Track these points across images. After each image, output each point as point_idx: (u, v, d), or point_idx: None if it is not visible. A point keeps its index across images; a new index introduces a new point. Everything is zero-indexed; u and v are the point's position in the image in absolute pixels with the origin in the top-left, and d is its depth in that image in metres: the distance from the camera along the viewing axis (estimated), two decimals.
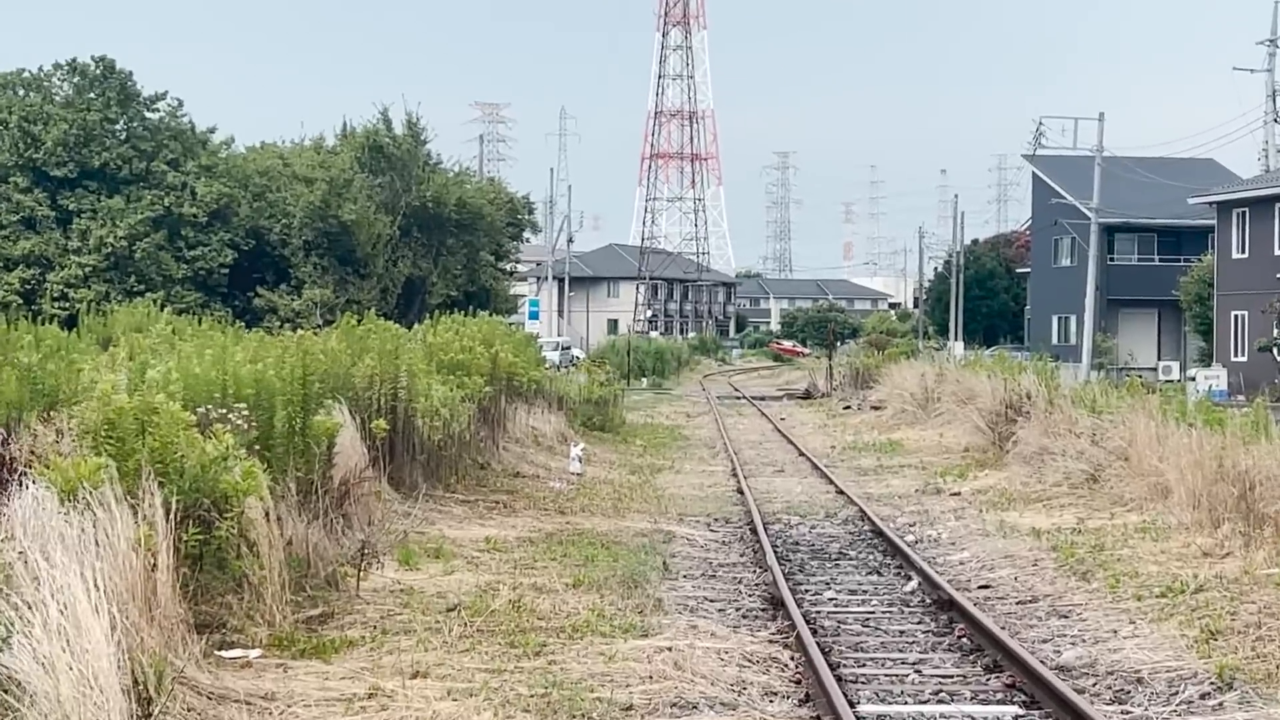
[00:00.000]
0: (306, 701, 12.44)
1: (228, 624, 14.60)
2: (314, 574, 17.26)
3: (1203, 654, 14.39)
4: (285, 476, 18.64)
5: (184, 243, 60.87)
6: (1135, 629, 15.80)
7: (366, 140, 63.74)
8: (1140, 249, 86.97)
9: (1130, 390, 29.84)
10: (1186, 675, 13.79)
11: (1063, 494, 26.27)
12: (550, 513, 25.26)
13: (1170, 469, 22.36)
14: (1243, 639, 14.89)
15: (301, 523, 17.89)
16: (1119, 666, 14.32)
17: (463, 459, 27.52)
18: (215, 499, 14.86)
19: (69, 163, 60.56)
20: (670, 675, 13.75)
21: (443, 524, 23.09)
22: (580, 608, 16.83)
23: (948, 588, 18.00)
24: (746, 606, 17.75)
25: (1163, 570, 18.68)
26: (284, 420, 19.11)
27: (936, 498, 28.46)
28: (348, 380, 23.91)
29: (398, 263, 63.19)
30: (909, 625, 16.89)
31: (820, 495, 29.86)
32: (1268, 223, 63.96)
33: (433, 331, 34.84)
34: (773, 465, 36.89)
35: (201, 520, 14.72)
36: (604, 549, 21.25)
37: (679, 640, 15.25)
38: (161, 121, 63.05)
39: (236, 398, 18.66)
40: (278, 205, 62.29)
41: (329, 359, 23.95)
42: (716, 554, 22.01)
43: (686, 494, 29.80)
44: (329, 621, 15.75)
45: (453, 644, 14.91)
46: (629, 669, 13.95)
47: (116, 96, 62.09)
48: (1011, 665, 14.29)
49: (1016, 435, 31.20)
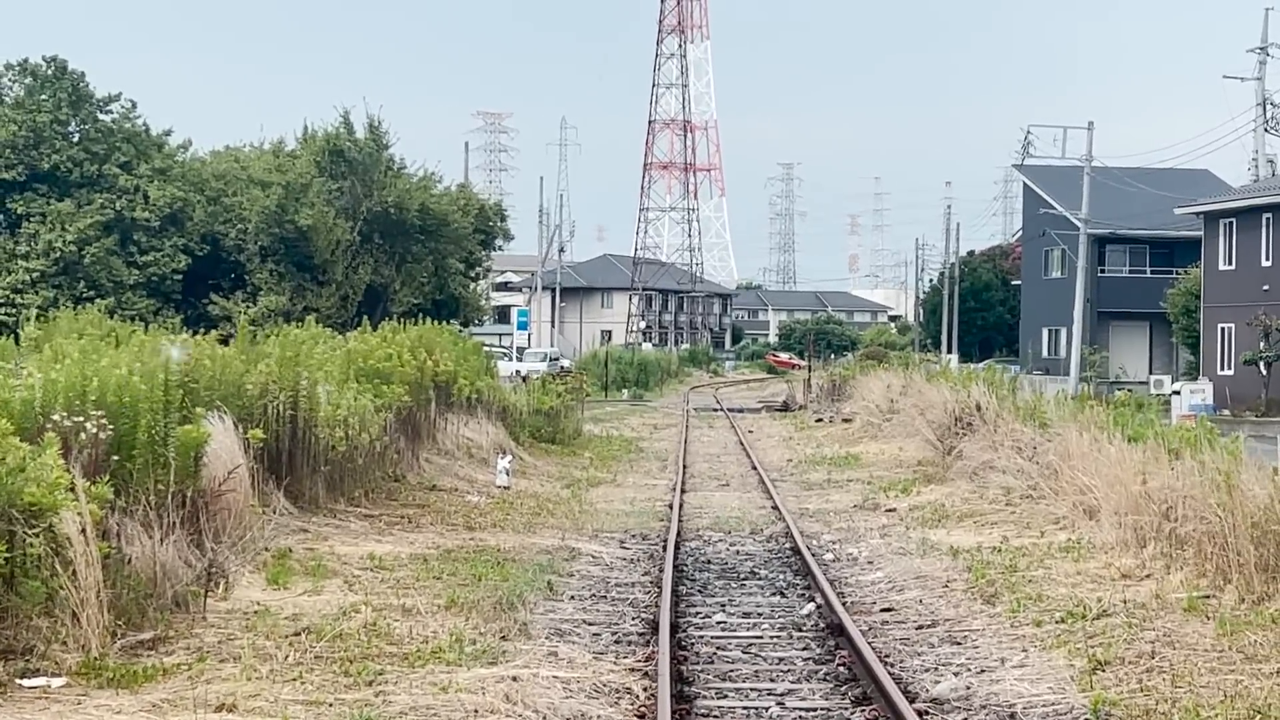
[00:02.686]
0: None
1: (33, 649, 13.72)
2: (160, 594, 16.38)
3: (1084, 687, 13.52)
4: (144, 489, 17.86)
5: (136, 248, 60.23)
6: (1024, 658, 15.00)
7: (326, 144, 63.14)
8: (1131, 260, 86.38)
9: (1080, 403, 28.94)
10: (1062, 711, 12.95)
11: (998, 510, 25.54)
12: (458, 528, 24.48)
13: (1099, 485, 21.57)
14: (1131, 669, 14.07)
15: (151, 539, 17.06)
16: (994, 700, 13.47)
17: (371, 471, 26.67)
18: (23, 511, 13.98)
19: (18, 165, 59.96)
20: (498, 709, 12.85)
21: (336, 540, 22.28)
22: (441, 631, 16.00)
23: (841, 612, 17.18)
24: (624, 631, 16.96)
25: (1071, 594, 17.92)
26: (145, 429, 18.29)
27: (871, 514, 27.75)
28: (238, 388, 23.11)
29: (358, 269, 62.50)
30: (792, 652, 16.07)
31: (754, 511, 29.10)
32: (1255, 234, 63.22)
33: (358, 338, 33.99)
34: (719, 479, 36.18)
35: (8, 536, 13.88)
36: (497, 567, 20.47)
37: (529, 669, 14.41)
38: (115, 124, 62.33)
39: (97, 404, 17.89)
40: (234, 210, 61.61)
41: (216, 365, 23.15)
42: (618, 573, 21.23)
43: (615, 509, 29.01)
44: (159, 646, 14.87)
45: (280, 672, 14.02)
46: (458, 701, 13.08)
47: (68, 98, 61.45)
48: (879, 698, 13.41)
49: (961, 449, 30.44)
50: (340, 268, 61.98)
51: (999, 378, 34.87)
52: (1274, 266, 61.70)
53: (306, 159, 63.45)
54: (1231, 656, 14.30)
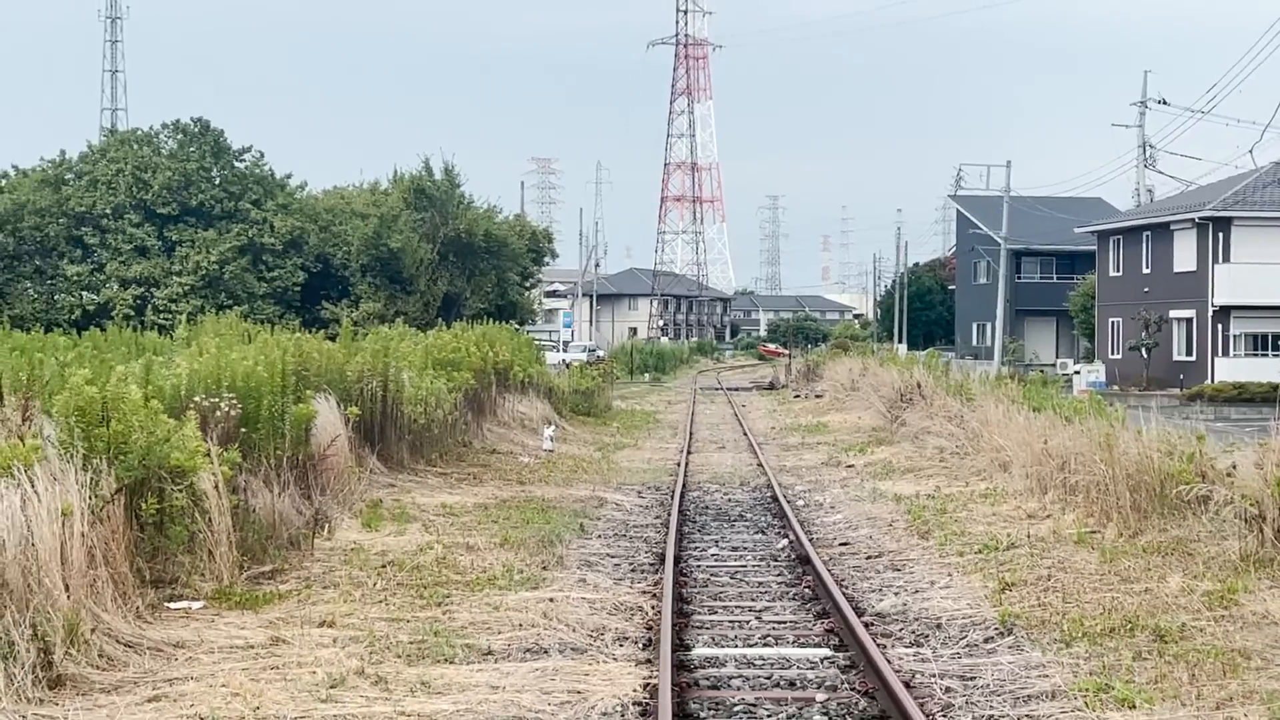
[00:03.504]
0: (210, 648, 11.56)
1: (179, 579, 13.78)
2: (277, 536, 16.41)
3: (995, 603, 13.49)
4: (266, 454, 17.91)
5: (264, 266, 60.20)
6: (949, 581, 14.92)
7: (412, 184, 62.92)
8: (1042, 269, 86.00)
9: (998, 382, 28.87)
10: (977, 622, 12.90)
11: (933, 466, 25.42)
12: (511, 483, 24.45)
13: (1011, 445, 21.49)
14: (1032, 589, 14.02)
15: (270, 493, 17.10)
16: (925, 614, 13.43)
17: (444, 439, 26.70)
18: (170, 472, 14.05)
19: (172, 202, 59.96)
20: (538, 623, 12.86)
21: (416, 492, 22.28)
22: (495, 563, 15.98)
23: (808, 546, 17.10)
24: (638, 562, 16.86)
25: (987, 530, 17.83)
26: (267, 407, 18.35)
27: (834, 469, 27.63)
28: (341, 374, 23.16)
29: (437, 281, 62.30)
30: (769, 578, 15.99)
31: (744, 468, 29.03)
32: (1137, 248, 63.07)
33: (435, 335, 34.04)
34: (717, 443, 36.07)
35: (160, 492, 13.94)
36: (541, 513, 20.41)
37: (563, 592, 14.39)
38: (247, 169, 62.34)
39: (229, 388, 17.95)
40: (340, 236, 61.53)
41: (324, 357, 23.19)
42: (636, 517, 21.16)
43: (635, 467, 28.96)
44: (276, 577, 14.90)
45: (370, 596, 14.05)
46: (507, 617, 13.08)
47: (211, 150, 61.49)
48: (835, 613, 13.39)
49: (905, 418, 30.32)
50: (423, 280, 61.80)
51: (935, 362, 34.79)
52: (1152, 273, 61.44)
53: (396, 196, 63.21)
54: (1110, 578, 14.27)
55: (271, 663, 11.08)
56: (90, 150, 62.17)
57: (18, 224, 59.11)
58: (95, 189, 60.02)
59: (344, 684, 10.40)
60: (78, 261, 59.58)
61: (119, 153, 61.39)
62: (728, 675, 11.34)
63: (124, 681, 10.34)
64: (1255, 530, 13.96)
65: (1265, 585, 13.06)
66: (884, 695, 10.27)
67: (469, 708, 9.91)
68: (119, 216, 59.91)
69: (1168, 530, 15.76)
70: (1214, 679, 10.38)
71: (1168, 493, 16.11)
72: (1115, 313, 64.36)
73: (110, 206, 59.69)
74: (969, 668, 11.30)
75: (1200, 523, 15.20)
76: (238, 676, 10.52)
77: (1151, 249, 61.74)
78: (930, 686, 10.76)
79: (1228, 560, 14.05)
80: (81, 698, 9.81)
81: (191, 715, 9.47)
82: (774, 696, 10.64)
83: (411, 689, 10.36)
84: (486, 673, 10.96)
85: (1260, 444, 14.89)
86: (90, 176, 60.49)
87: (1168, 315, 59.57)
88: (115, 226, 59.71)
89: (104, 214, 59.70)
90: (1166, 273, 60.25)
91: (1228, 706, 9.68)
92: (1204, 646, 11.28)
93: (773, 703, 10.49)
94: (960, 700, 10.38)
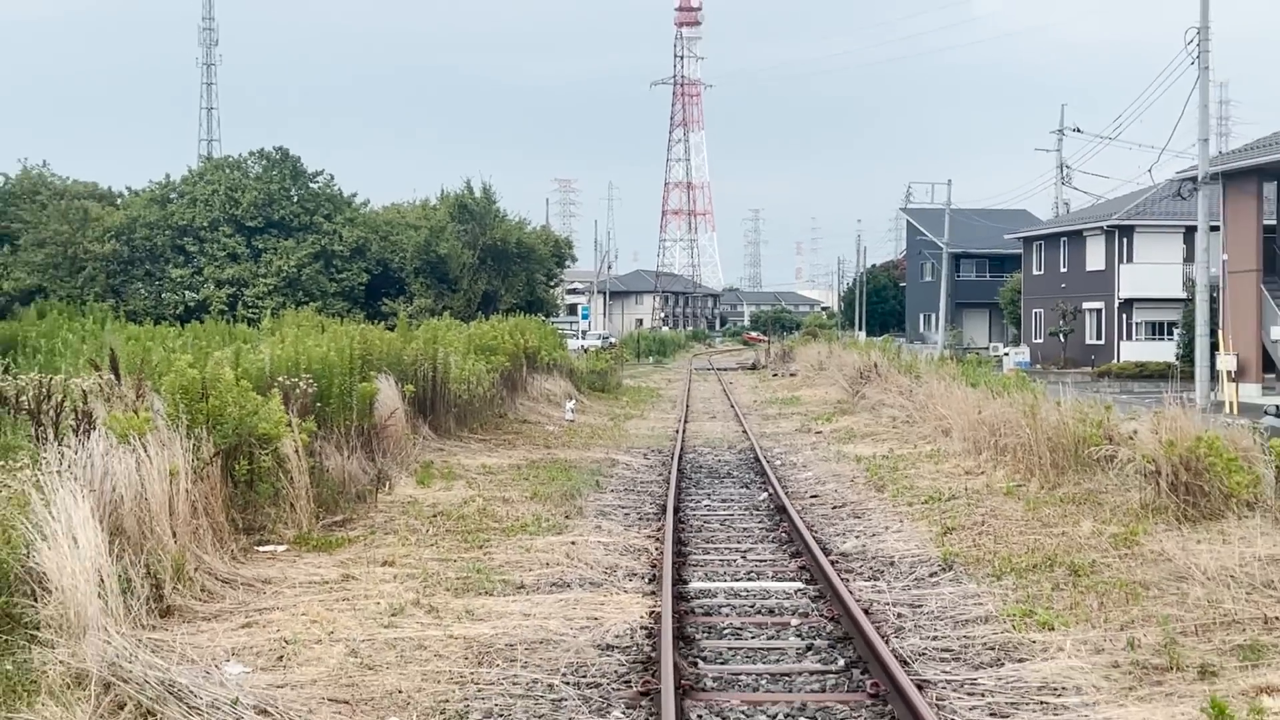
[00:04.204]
0: (292, 583, 11.59)
1: (266, 527, 13.81)
2: (346, 491, 16.43)
3: (939, 545, 13.49)
4: (337, 424, 17.92)
5: (334, 269, 59.84)
6: (900, 526, 14.91)
7: (456, 200, 62.57)
8: (977, 269, 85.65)
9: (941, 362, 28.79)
10: (923, 560, 12.92)
11: (887, 431, 25.30)
12: (539, 447, 24.41)
13: (951, 414, 21.43)
14: (969, 533, 14.01)
15: (340, 456, 17.11)
16: (880, 553, 13.44)
17: (484, 411, 26.66)
18: (258, 439, 14.07)
19: (258, 217, 59.67)
20: (562, 562, 12.89)
21: (461, 455, 22.23)
22: (526, 514, 15.97)
23: (784, 498, 17.11)
24: (644, 512, 16.87)
25: (931, 484, 17.76)
26: (337, 385, 18.35)
27: (806, 435, 27.53)
28: (399, 358, 23.16)
29: (477, 281, 61.89)
30: (752, 524, 16.00)
31: (732, 434, 28.97)
32: (1056, 251, 62.88)
33: (476, 326, 34.01)
34: (709, 414, 35.99)
35: (250, 455, 13.97)
36: (564, 472, 20.37)
37: (582, 537, 14.41)
38: (320, 189, 61.89)
39: (306, 370, 17.94)
40: (397, 244, 61.22)
41: (384, 344, 23.17)
42: (642, 475, 21.14)
43: (642, 433, 28.91)
44: (346, 525, 14.90)
45: (423, 540, 14.07)
46: (536, 557, 13.10)
47: (290, 173, 61.14)
48: (806, 553, 13.41)
49: (864, 393, 30.22)
50: (465, 280, 61.47)
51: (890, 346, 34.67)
52: (1068, 272, 61.26)
53: (443, 211, 62.83)
54: (1034, 524, 14.25)
55: (343, 595, 11.12)
56: (190, 174, 61.97)
57: (131, 235, 59.00)
58: (195, 206, 59.86)
59: (403, 612, 10.44)
60: (180, 266, 59.40)
61: (214, 176, 61.18)
62: (718, 604, 11.37)
63: (222, 611, 10.38)
64: (1153, 483, 13.96)
65: (1161, 529, 13.06)
66: (846, 619, 10.30)
67: (505, 631, 9.95)
68: (214, 229, 59.70)
69: (1081, 484, 15.75)
70: (1118, 605, 10.40)
71: (1081, 453, 16.09)
72: (1038, 304, 64.24)
73: (207, 220, 59.48)
74: (917, 597, 11.32)
75: (1108, 477, 15.18)
76: (315, 606, 10.56)
77: (1068, 252, 61.59)
78: (885, 612, 10.78)
79: (1130, 508, 14.05)
80: (187, 624, 9.84)
81: (277, 638, 9.50)
82: (756, 621, 10.67)
83: (458, 616, 10.39)
84: (520, 603, 11.00)
85: (1155, 413, 14.87)
86: (190, 195, 60.34)
87: (1081, 307, 59.46)
88: (211, 237, 59.51)
89: (202, 226, 59.51)
90: (1080, 271, 60.12)
91: (1130, 628, 9.70)
92: (1110, 579, 11.29)
93: (756, 626, 10.52)
94: (910, 624, 10.40)
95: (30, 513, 8.92)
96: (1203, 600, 10.15)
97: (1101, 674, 8.61)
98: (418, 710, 7.90)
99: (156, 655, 8.32)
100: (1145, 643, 9.19)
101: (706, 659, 9.52)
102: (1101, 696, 8.18)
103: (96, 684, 7.54)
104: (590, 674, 8.86)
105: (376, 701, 8.07)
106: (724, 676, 8.99)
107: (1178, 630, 9.41)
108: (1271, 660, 8.70)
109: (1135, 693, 8.22)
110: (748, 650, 9.75)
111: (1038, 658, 9.09)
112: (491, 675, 8.72)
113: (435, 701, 8.09)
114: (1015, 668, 8.90)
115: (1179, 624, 9.60)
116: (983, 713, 8.00)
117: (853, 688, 8.71)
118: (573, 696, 8.32)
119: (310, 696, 8.07)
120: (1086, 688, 8.35)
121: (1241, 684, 8.19)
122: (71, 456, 10.63)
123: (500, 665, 8.97)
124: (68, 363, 21.07)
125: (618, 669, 9.00)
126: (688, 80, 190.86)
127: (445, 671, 8.78)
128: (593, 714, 8.01)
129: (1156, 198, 56.80)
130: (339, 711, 7.85)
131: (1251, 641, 9.06)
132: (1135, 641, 9.21)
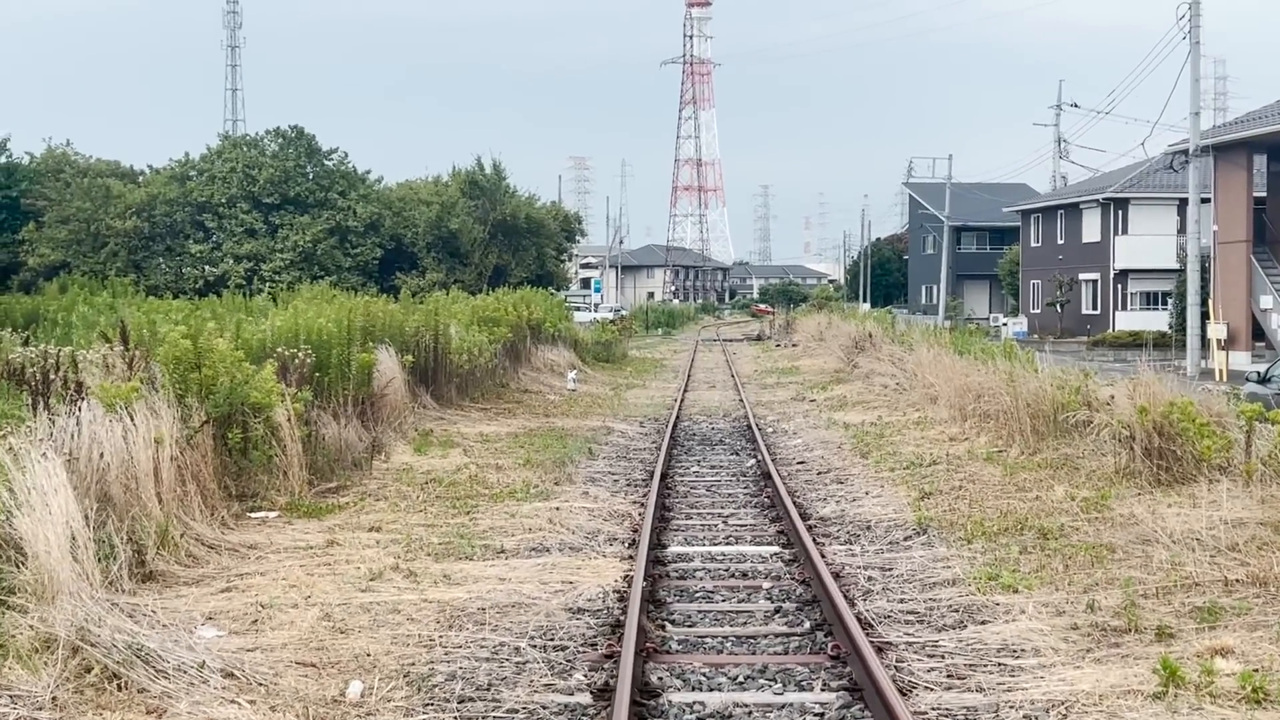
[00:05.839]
0: (278, 549, 11.49)
1: (258, 494, 13.72)
2: (342, 459, 16.34)
3: (915, 509, 13.36)
4: (334, 393, 17.81)
5: (349, 244, 59.72)
6: (880, 491, 14.78)
7: (467, 177, 62.36)
8: (978, 242, 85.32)
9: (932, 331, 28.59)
10: (899, 524, 12.79)
11: (878, 399, 25.12)
12: (539, 416, 24.29)
13: (939, 383, 21.26)
14: (946, 497, 13.88)
15: (337, 424, 17.01)
16: (858, 518, 13.32)
17: (485, 381, 26.54)
18: (251, 408, 13.96)
19: (274, 194, 59.55)
20: (545, 528, 12.78)
21: (461, 424, 22.12)
22: (517, 480, 15.87)
23: (770, 465, 16.97)
24: (633, 478, 16.75)
25: (915, 451, 17.62)
26: (336, 356, 18.22)
27: (800, 403, 27.37)
28: (400, 329, 23.03)
29: (488, 255, 61.74)
30: (737, 490, 15.88)
31: (728, 403, 28.83)
32: (1053, 224, 62.51)
33: (480, 298, 33.84)
34: (710, 383, 35.84)
35: (242, 424, 13.87)
36: (559, 440, 20.25)
37: (568, 503, 14.29)
38: (335, 166, 61.68)
39: (306, 341, 17.83)
40: (410, 220, 61.08)
41: (386, 316, 23.05)
42: (636, 442, 21.02)
43: (641, 403, 28.75)
44: (339, 492, 14.79)
45: (412, 506, 13.98)
46: (520, 523, 13.00)
47: (305, 150, 60.95)
48: (786, 518, 13.28)
49: (858, 362, 30.06)
50: (476, 255, 61.34)
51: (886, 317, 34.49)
52: (1065, 244, 60.90)
53: (455, 187, 62.65)
54: (1009, 489, 14.13)
55: (325, 560, 11.03)
56: (209, 152, 61.82)
57: (152, 212, 58.95)
58: (213, 183, 59.73)
59: (381, 577, 10.34)
60: (200, 241, 59.38)
61: (231, 154, 60.97)
62: (694, 568, 11.26)
63: (204, 576, 10.30)
64: (1127, 448, 13.80)
65: (1132, 493, 12.91)
66: (816, 583, 10.17)
67: (480, 595, 9.84)
68: (232, 205, 59.58)
69: (1059, 449, 15.60)
70: (1083, 568, 10.26)
71: (1059, 419, 15.94)
72: (1035, 276, 63.90)
73: (225, 197, 59.37)
74: (888, 561, 11.20)
75: (1084, 443, 15.04)
76: (296, 571, 10.47)
77: (1065, 224, 61.21)
78: (855, 576, 10.66)
79: (1104, 473, 13.90)
80: (166, 589, 9.76)
81: (254, 603, 9.41)
82: (729, 585, 10.56)
83: (435, 581, 10.29)
84: (498, 567, 10.89)
85: (1131, 379, 14.70)
86: (209, 173, 60.21)
87: (1078, 277, 59.11)
88: (229, 213, 59.39)
89: (220, 203, 59.41)
90: (1077, 243, 59.74)
91: (1093, 590, 9.56)
92: (1078, 543, 11.16)
93: (728, 590, 10.40)
94: (879, 586, 10.28)
95: (7, 480, 8.83)
96: (1165, 563, 10.01)
97: (1060, 636, 8.48)
98: (383, 673, 7.80)
99: (129, 619, 8.23)
100: (1106, 605, 9.06)
101: (675, 622, 9.40)
102: (1059, 659, 8.05)
103: (64, 647, 7.45)
104: (558, 637, 8.76)
105: (344, 665, 7.97)
106: (689, 639, 8.88)
107: (1139, 593, 9.28)
108: (1229, 622, 8.57)
109: (1092, 654, 8.10)
110: (717, 613, 9.63)
111: (999, 620, 8.96)
112: (460, 638, 8.62)
113: (401, 665, 8.00)
114: (976, 630, 8.77)
115: (1140, 587, 9.46)
116: (940, 674, 7.87)
117: (815, 650, 8.60)
118: (537, 659, 8.21)
119: (278, 660, 7.97)
120: (1044, 649, 8.23)
121: (1197, 645, 8.05)
122: (60, 425, 10.54)
123: (470, 629, 8.87)
124: (80, 335, 21.02)
125: (586, 632, 8.89)
126: (697, 59, 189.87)
127: (415, 635, 8.68)
128: (555, 676, 7.91)
129: (1150, 170, 56.36)
130: (305, 674, 7.75)
131: (1210, 604, 8.92)
132: (1095, 604, 9.07)
